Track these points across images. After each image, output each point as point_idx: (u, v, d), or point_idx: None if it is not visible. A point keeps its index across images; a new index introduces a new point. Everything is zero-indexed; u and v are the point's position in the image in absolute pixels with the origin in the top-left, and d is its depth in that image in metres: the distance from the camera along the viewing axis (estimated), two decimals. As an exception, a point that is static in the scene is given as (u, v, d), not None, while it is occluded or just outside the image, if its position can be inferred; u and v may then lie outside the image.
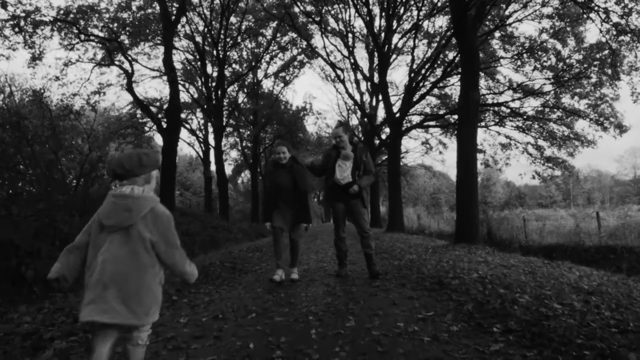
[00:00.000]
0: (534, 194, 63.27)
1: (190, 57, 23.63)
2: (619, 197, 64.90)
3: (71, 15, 14.52)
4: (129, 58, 16.10)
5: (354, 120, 32.32)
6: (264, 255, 8.77)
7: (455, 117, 19.71)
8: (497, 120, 18.95)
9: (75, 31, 15.01)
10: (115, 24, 16.00)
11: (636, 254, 9.16)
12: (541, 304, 3.03)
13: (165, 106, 17.97)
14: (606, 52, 12.97)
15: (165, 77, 15.56)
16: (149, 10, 17.14)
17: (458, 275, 4.53)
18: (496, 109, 18.30)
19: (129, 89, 14.53)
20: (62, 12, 14.36)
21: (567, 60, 14.87)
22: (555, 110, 16.49)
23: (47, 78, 14.98)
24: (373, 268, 5.00)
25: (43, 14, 13.97)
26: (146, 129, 22.54)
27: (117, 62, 15.95)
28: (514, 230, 15.21)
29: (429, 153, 26.05)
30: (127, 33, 16.49)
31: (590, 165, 71.52)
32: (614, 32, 12.12)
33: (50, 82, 15.27)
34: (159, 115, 18.44)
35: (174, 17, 15.34)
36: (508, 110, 17.97)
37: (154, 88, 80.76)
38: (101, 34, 15.71)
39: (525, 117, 17.56)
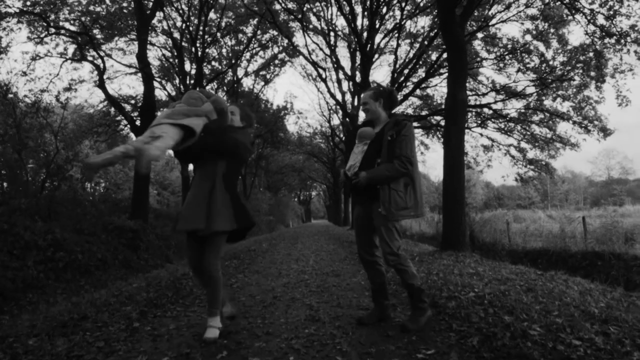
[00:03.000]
0: (512, 194, 64.05)
1: (167, 53, 22.86)
2: (593, 198, 66.26)
3: (39, 8, 13.72)
4: (102, 53, 15.36)
5: (335, 120, 32.02)
6: (241, 264, 8.27)
7: (438, 118, 19.54)
8: (479, 122, 18.80)
9: (44, 24, 14.21)
10: (88, 18, 15.22)
11: (624, 261, 8.98)
12: (556, 338, 2.64)
13: (140, 104, 17.27)
14: (591, 54, 12.85)
15: (141, 74, 14.84)
16: (124, 4, 16.39)
17: (453, 295, 4.14)
18: (478, 110, 18.13)
19: (101, 85, 13.83)
20: (28, 3, 13.54)
21: (551, 62, 14.76)
22: (538, 112, 16.38)
23: (13, 73, 14.16)
24: (411, 318, 3.24)
25: (7, 5, 13.16)
26: (121, 126, 21.72)
27: (89, 58, 15.17)
28: (497, 233, 15.06)
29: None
30: (100, 27, 15.72)
31: (566, 167, 72.95)
32: (598, 35, 12.01)
33: (17, 78, 14.45)
34: (134, 114, 17.69)
35: (149, 11, 14.67)
36: (490, 112, 17.82)
37: (127, 85, 79.18)
38: (72, 28, 14.93)
39: (508, 118, 17.44)
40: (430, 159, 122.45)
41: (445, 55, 14.46)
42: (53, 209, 9.98)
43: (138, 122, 15.08)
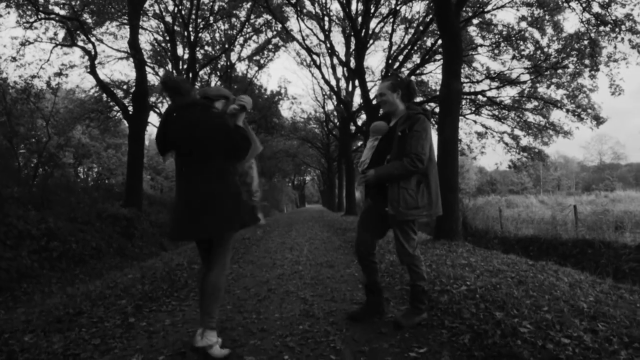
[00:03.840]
0: (505, 180, 64.43)
1: (159, 38, 22.52)
2: (585, 183, 66.84)
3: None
4: (93, 38, 15.10)
5: (330, 106, 31.88)
6: (235, 254, 8.31)
7: (432, 105, 19.51)
8: (473, 109, 18.79)
9: (34, 8, 13.92)
10: (78, 2, 14.92)
11: (614, 249, 9.10)
12: (546, 336, 2.69)
13: (132, 90, 17.07)
14: (585, 42, 12.82)
15: (133, 60, 14.63)
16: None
17: (445, 288, 4.19)
18: (473, 97, 18.11)
19: (92, 71, 13.63)
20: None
21: (546, 50, 14.72)
22: (532, 100, 16.38)
23: (2, 59, 13.90)
24: (406, 314, 3.24)
25: (-5, -12, 12.89)
26: (113, 112, 21.49)
27: (79, 43, 14.91)
28: (489, 220, 15.18)
29: (405, 140, 25.83)
30: (90, 11, 15.42)
31: (558, 152, 73.38)
32: (594, 22, 11.97)
33: (6, 63, 14.19)
34: (126, 101, 17.50)
35: (140, -5, 14.42)
36: (484, 99, 17.81)
37: (118, 71, 78.12)
38: (62, 12, 14.65)
39: (502, 105, 17.44)
40: None
41: (440, 41, 14.38)
42: (46, 198, 9.92)
43: (130, 109, 14.92)
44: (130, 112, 14.33)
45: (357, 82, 21.19)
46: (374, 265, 3.35)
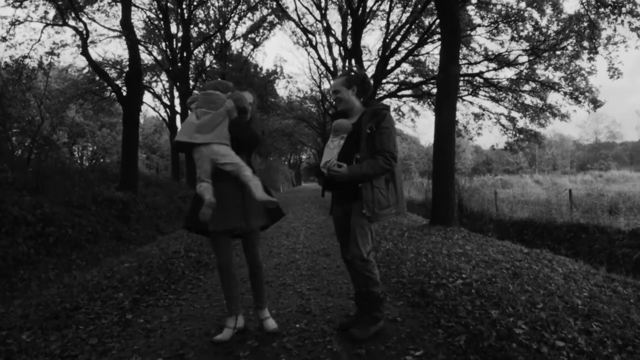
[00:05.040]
0: (501, 159, 64.56)
1: (152, 15, 22.08)
2: (580, 162, 67.14)
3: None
4: (84, 17, 14.75)
5: (326, 84, 31.58)
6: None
7: (430, 86, 19.36)
8: (470, 90, 18.66)
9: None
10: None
11: (608, 234, 9.18)
12: (541, 339, 2.72)
13: (126, 70, 16.79)
14: (585, 24, 12.66)
15: (125, 41, 14.33)
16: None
17: (441, 282, 4.22)
18: (470, 78, 17.96)
19: (84, 52, 13.35)
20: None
21: (544, 31, 14.54)
22: (529, 82, 16.26)
23: (-8, 39, 13.58)
24: (360, 325, 3.02)
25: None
26: (107, 93, 21.19)
27: (70, 23, 14.57)
28: (485, 203, 15.23)
29: (401, 120, 25.72)
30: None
31: (554, 130, 73.44)
32: (594, 3, 11.80)
33: (-5, 44, 13.88)
34: (118, 82, 17.23)
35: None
36: (482, 80, 17.67)
37: (111, 52, 76.70)
38: (51, -11, 14.26)
39: (499, 86, 17.32)
40: (420, 125, 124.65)
41: (438, 21, 14.16)
42: (41, 182, 9.84)
43: (124, 91, 14.70)
44: (124, 94, 14.12)
45: (354, 62, 20.94)
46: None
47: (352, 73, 3.13)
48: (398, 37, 18.08)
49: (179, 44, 21.33)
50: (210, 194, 2.82)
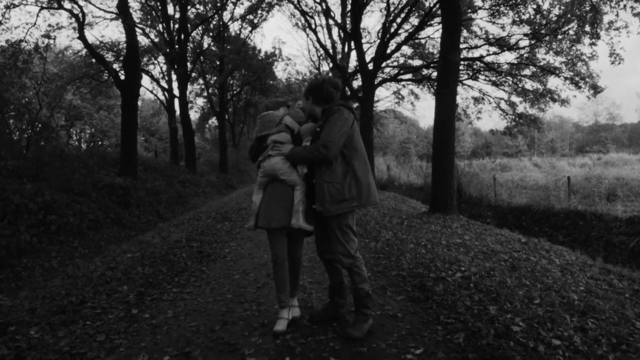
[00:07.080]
0: (500, 142, 64.33)
1: (149, -4, 21.73)
2: (579, 144, 67.07)
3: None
4: (80, 0, 14.54)
5: (325, 67, 31.34)
6: (233, 228, 8.40)
7: (430, 70, 19.24)
8: (470, 74, 18.56)
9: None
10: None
11: (605, 222, 9.26)
12: (537, 337, 2.80)
13: (123, 52, 16.63)
14: (587, 8, 12.54)
15: (122, 24, 14.16)
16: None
17: (440, 275, 4.30)
18: (470, 62, 17.85)
19: (81, 36, 13.21)
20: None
21: (546, 14, 14.39)
22: (530, 66, 16.17)
23: (-13, 22, 13.41)
24: (354, 327, 3.06)
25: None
26: (105, 77, 21.01)
27: (66, 5, 14.37)
28: (484, 188, 15.30)
29: (401, 104, 25.65)
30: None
31: (554, 112, 73.11)
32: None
33: (-10, 27, 13.70)
34: (115, 66, 17.07)
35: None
36: (482, 65, 17.56)
37: (109, 37, 75.51)
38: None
39: (499, 70, 17.23)
40: (420, 108, 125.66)
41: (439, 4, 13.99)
42: (41, 169, 9.85)
43: (122, 74, 14.61)
44: (122, 78, 14.02)
45: (353, 45, 20.75)
46: (337, 266, 3.29)
47: (307, 86, 3.35)
48: (399, 20, 17.90)
49: (176, 26, 21.10)
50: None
